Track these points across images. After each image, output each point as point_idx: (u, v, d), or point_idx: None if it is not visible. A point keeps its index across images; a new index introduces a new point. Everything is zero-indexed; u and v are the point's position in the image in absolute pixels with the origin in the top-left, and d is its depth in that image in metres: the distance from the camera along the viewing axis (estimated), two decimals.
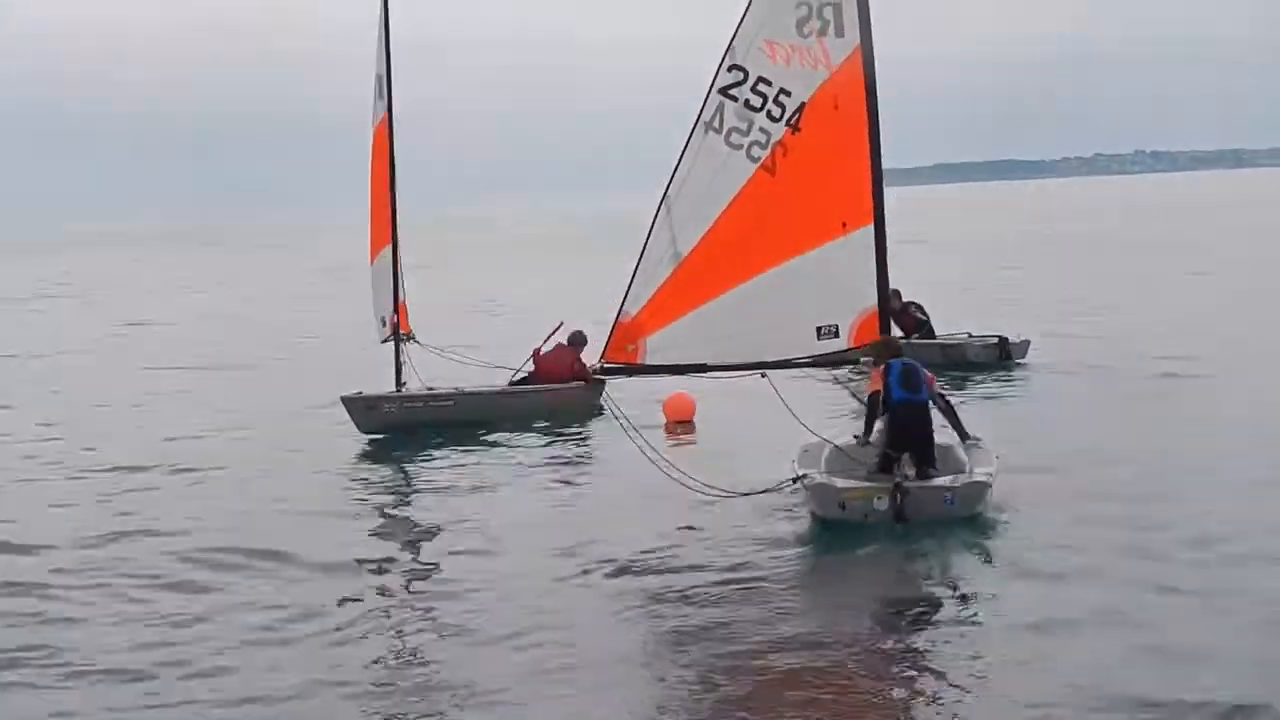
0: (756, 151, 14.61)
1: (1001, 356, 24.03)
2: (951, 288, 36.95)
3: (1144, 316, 32.04)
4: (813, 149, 14.62)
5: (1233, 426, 18.37)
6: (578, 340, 21.21)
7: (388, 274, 20.95)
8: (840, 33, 14.75)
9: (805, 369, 15.49)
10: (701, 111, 14.41)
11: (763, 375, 14.81)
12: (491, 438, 19.84)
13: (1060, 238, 72.09)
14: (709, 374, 15.29)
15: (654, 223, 14.48)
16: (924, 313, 24.40)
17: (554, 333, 21.32)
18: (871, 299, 14.91)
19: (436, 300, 35.35)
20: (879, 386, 14.31)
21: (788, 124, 14.68)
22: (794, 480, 14.03)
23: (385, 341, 21.13)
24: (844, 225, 14.92)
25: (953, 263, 51.61)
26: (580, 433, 20.14)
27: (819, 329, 14.99)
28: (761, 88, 14.64)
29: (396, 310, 20.99)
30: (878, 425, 14.31)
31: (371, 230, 21.28)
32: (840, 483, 13.81)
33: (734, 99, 14.47)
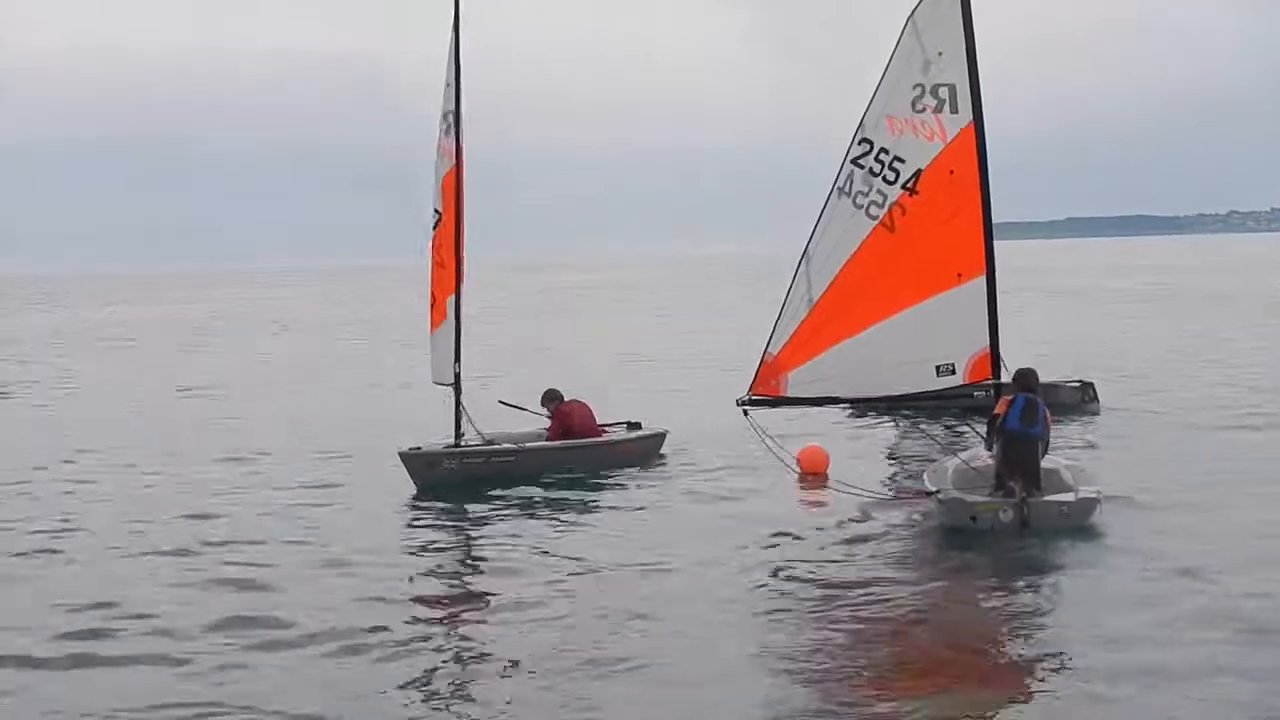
0: (874, 210, 16.96)
1: (1084, 399, 26.33)
2: (1062, 336, 39.75)
3: (1245, 372, 32.51)
4: (930, 210, 16.94)
5: None
6: (557, 397, 21.16)
7: (450, 323, 20.17)
8: (955, 110, 17.18)
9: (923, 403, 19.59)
10: (837, 179, 16.93)
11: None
12: (565, 490, 19.60)
13: (1183, 292, 73.31)
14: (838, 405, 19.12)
15: (795, 273, 17.01)
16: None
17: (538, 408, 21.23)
18: (984, 341, 17.13)
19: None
20: (1001, 411, 16.36)
21: (903, 187, 16.99)
22: (928, 494, 16.64)
23: (440, 385, 20.63)
24: (959, 276, 17.12)
25: (1068, 311, 56.21)
26: (653, 481, 20.22)
27: (938, 367, 17.23)
28: (881, 156, 17.01)
29: (457, 359, 19.87)
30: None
31: (435, 276, 20.35)
32: (970, 498, 16.19)
33: (861, 167, 16.88)
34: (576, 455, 20.46)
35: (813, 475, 19.83)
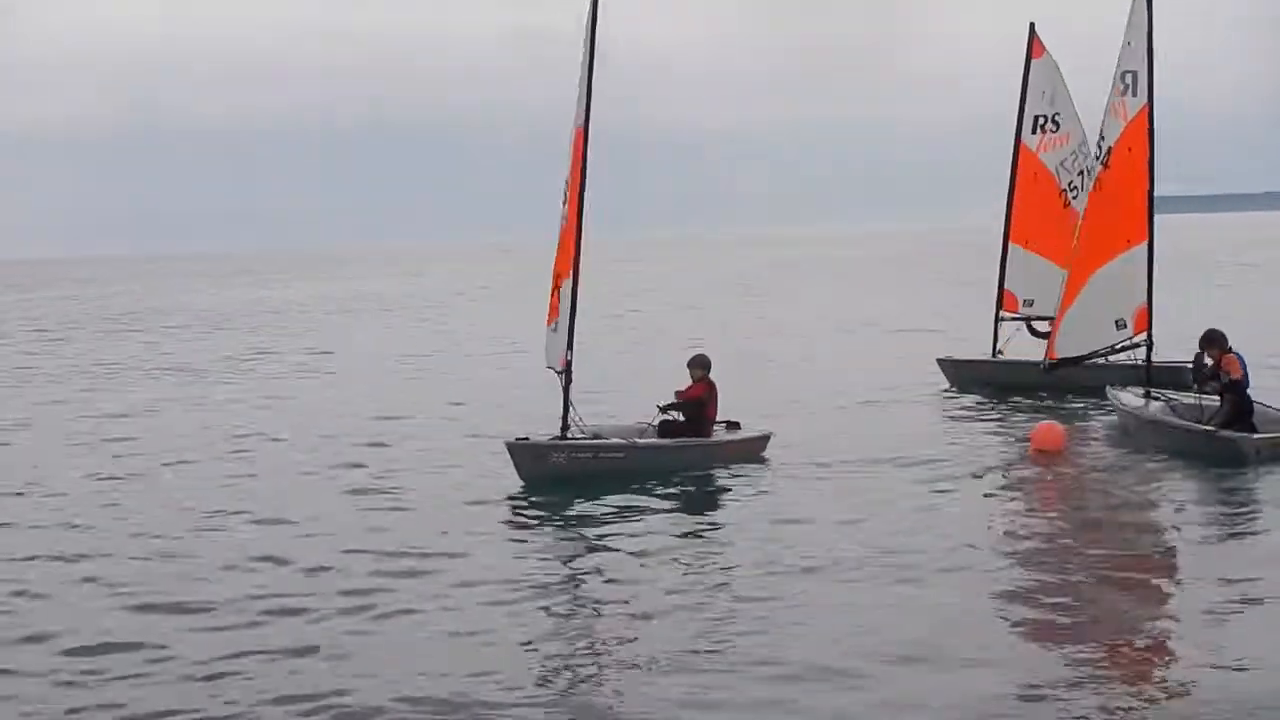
0: (1088, 186, 22.11)
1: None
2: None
3: None
4: (1114, 183, 20.84)
5: None
6: (705, 363, 20.34)
7: (566, 307, 19.01)
8: (1135, 93, 20.60)
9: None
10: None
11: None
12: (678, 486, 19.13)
13: None
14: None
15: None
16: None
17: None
18: (1143, 297, 21.52)
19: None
20: (1239, 374, 19.32)
21: (1102, 163, 20.95)
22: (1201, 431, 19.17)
23: (553, 370, 19.48)
24: (1128, 241, 21.22)
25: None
26: (770, 478, 19.62)
27: (1116, 322, 21.77)
28: (1099, 142, 21.50)
29: (570, 347, 18.80)
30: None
31: (557, 257, 19.10)
32: (1255, 436, 18.86)
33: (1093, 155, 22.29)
34: (685, 454, 19.78)
35: (1043, 453, 19.97)
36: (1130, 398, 21.76)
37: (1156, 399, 21.20)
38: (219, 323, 58.87)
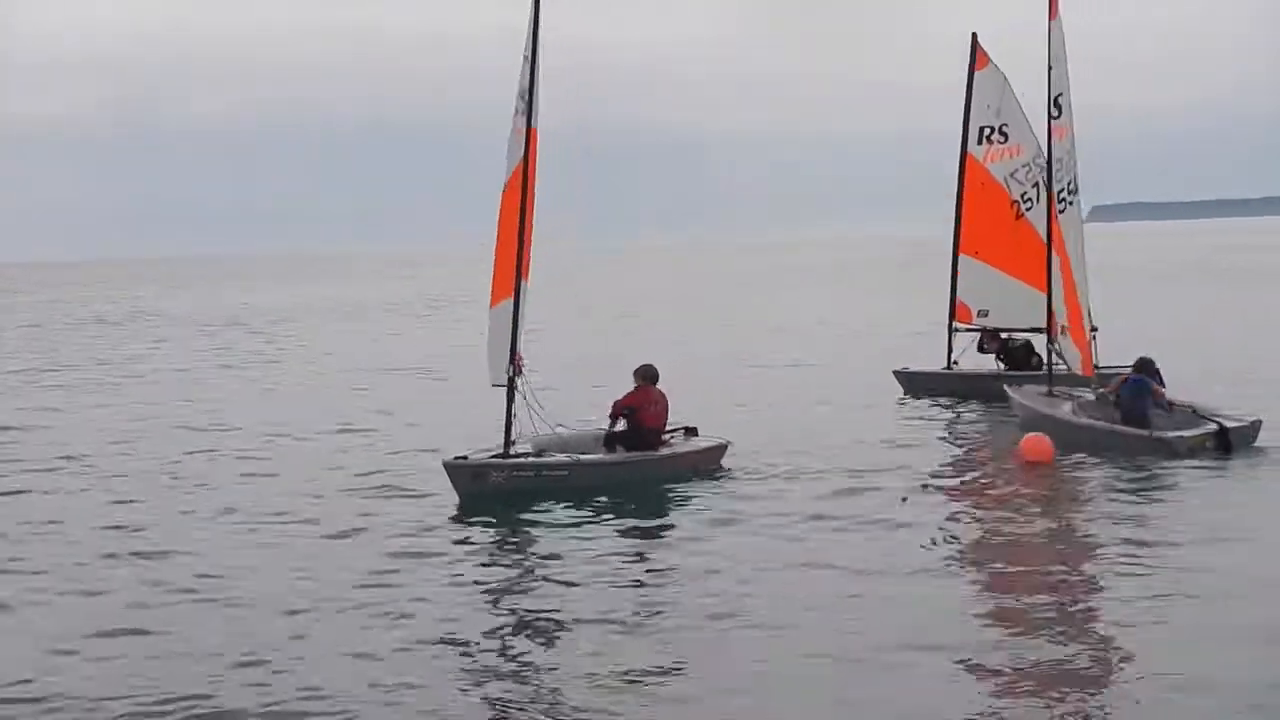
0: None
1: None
2: None
3: None
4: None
5: None
6: (652, 375, 19.74)
7: (508, 314, 18.36)
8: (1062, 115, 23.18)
9: None
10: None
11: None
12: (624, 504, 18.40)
13: None
14: None
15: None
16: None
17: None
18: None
19: None
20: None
21: (1071, 189, 23.49)
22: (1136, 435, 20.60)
23: (498, 386, 18.69)
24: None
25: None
26: (731, 490, 19.02)
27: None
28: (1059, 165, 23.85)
29: (512, 359, 18.17)
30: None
31: (498, 262, 18.46)
32: (1184, 433, 20.38)
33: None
34: (634, 469, 19.07)
35: (1033, 465, 19.85)
36: (1044, 399, 22.95)
37: (1062, 399, 22.63)
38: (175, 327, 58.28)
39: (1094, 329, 23.98)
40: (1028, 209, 27.45)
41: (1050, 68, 22.62)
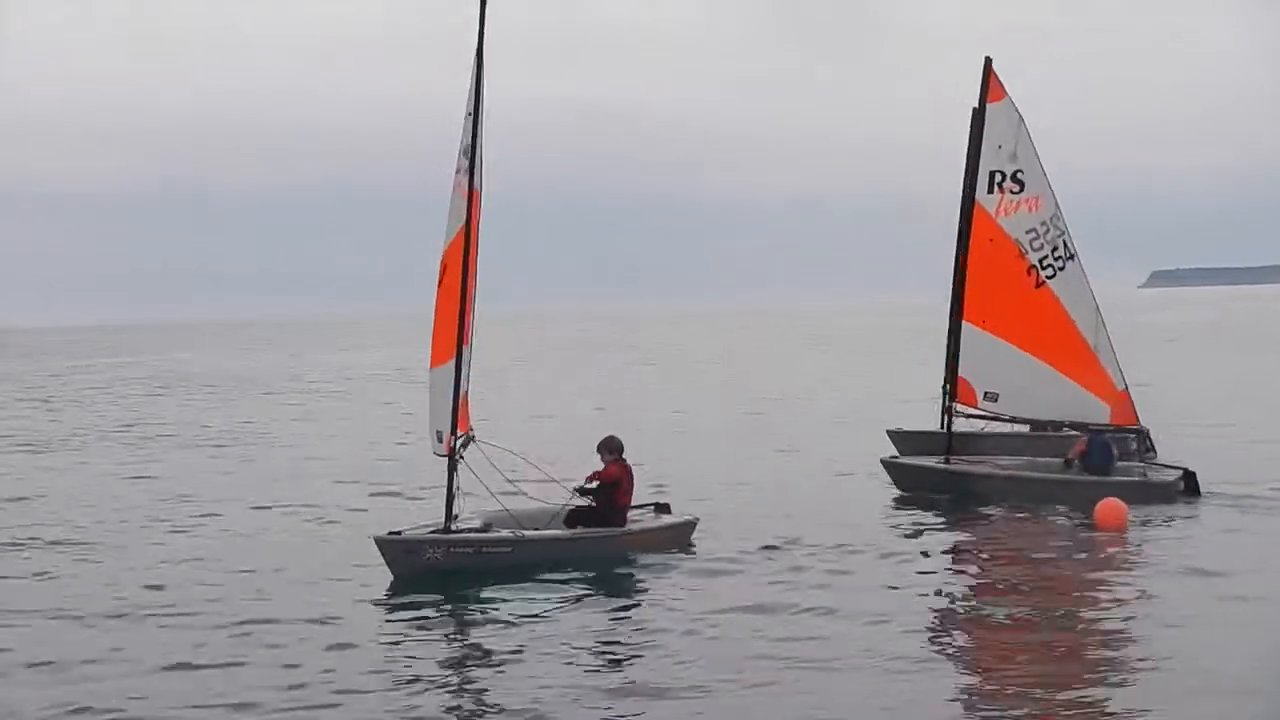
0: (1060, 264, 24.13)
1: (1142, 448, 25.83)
2: None
3: None
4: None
5: None
6: (614, 445, 18.74)
7: (449, 380, 17.44)
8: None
9: None
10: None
11: None
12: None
13: None
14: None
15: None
16: None
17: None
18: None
19: None
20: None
21: (1070, 255, 24.08)
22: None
23: (441, 456, 17.73)
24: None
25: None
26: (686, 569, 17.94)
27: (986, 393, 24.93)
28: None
29: (455, 426, 17.17)
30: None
31: (437, 325, 17.60)
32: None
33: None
34: (584, 546, 17.95)
35: (1112, 529, 19.90)
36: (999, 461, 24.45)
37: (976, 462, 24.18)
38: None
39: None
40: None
41: (999, 147, 23.51)
